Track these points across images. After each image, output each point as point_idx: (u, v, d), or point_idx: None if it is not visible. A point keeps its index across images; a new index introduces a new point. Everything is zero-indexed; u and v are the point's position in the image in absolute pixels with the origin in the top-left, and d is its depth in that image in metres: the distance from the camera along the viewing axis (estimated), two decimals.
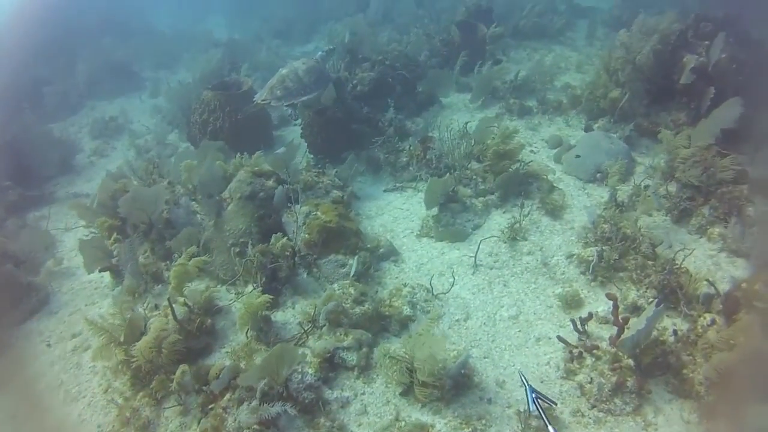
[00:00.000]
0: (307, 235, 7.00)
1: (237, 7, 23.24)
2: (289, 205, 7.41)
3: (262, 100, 9.16)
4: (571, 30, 15.20)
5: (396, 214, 8.39)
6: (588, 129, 9.58)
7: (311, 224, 7.05)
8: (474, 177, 8.31)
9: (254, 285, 6.77)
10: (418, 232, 7.90)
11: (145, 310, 6.70)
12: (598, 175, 8.39)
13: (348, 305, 6.12)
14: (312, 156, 9.90)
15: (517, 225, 7.54)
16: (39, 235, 9.22)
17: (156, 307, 6.73)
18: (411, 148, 9.13)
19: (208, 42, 17.59)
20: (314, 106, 9.78)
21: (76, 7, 20.55)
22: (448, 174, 8.26)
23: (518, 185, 8.13)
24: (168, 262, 7.43)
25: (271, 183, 7.58)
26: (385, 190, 8.98)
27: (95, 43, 18.72)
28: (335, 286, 6.44)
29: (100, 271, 7.79)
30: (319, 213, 7.23)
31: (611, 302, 5.78)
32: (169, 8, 25.60)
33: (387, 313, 6.32)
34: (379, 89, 10.39)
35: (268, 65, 15.18)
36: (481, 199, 8.04)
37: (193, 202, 8.02)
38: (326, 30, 17.18)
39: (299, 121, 9.95)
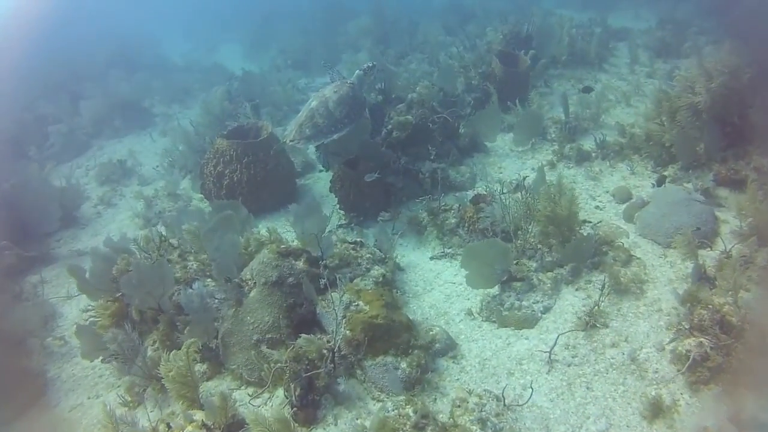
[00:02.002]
0: (348, 332, 5.82)
1: (253, 36, 22.25)
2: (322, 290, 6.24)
3: (290, 141, 8.28)
4: (613, 55, 14.09)
5: (448, 290, 7.21)
6: (660, 182, 8.35)
7: (353, 319, 5.86)
8: (539, 246, 7.08)
9: (286, 395, 5.59)
10: (477, 315, 6.72)
11: (152, 427, 5.54)
12: (678, 237, 7.16)
13: None
14: (343, 213, 8.75)
15: (596, 309, 6.31)
16: (35, 307, 8.10)
17: (168, 426, 5.51)
18: (460, 208, 7.91)
19: (222, 76, 16.49)
20: (344, 150, 8.67)
21: (83, 40, 19.62)
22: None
23: (590, 255, 6.91)
24: None
25: (301, 264, 6.42)
26: (431, 258, 7.81)
27: (103, 77, 17.69)
28: (388, 405, 5.22)
29: (102, 362, 6.69)
30: (361, 303, 6.05)
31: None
32: (182, 37, 24.68)
33: None
34: (417, 135, 9.20)
35: (287, 101, 14.11)
36: (549, 274, 6.82)
37: (209, 280, 6.87)
38: (347, 59, 16.04)
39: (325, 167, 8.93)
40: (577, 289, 6.76)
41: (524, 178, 8.45)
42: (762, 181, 7.54)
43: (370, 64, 9.08)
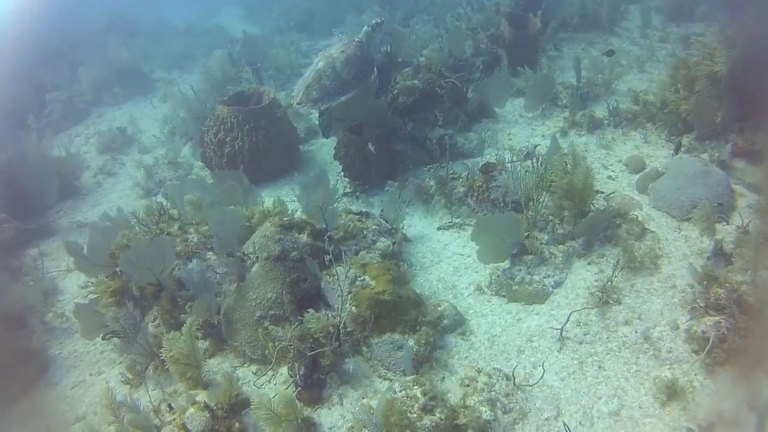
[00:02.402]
0: (354, 309, 5.64)
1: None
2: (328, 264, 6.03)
3: (297, 104, 8.02)
4: (625, 19, 13.66)
5: (456, 262, 7.00)
6: (677, 149, 8.08)
7: (359, 295, 5.67)
8: (550, 218, 6.84)
9: (290, 374, 5.44)
10: (486, 289, 6.52)
11: (153, 407, 5.39)
12: (695, 211, 6.93)
13: (414, 415, 4.75)
14: (348, 181, 8.53)
15: (609, 284, 6.10)
16: (35, 282, 7.92)
17: (170, 407, 5.36)
18: (469, 177, 7.67)
19: (223, 39, 16.09)
20: (349, 115, 8.44)
21: (81, 5, 19.14)
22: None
23: (603, 228, 6.68)
24: None
25: (305, 237, 6.20)
26: (439, 228, 7.59)
27: (101, 43, 17.28)
28: (395, 386, 5.05)
29: (102, 339, 6.54)
30: (367, 278, 5.85)
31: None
32: (182, 2, 24.12)
33: (464, 421, 4.90)
34: (424, 100, 8.91)
35: (290, 64, 13.78)
36: (561, 247, 6.60)
37: (210, 254, 6.68)
38: (352, 21, 15.63)
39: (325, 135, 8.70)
40: (589, 263, 6.55)
41: (535, 147, 8.18)
42: None
43: (379, 20, 8.59)
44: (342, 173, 8.61)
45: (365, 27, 8.52)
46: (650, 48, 11.71)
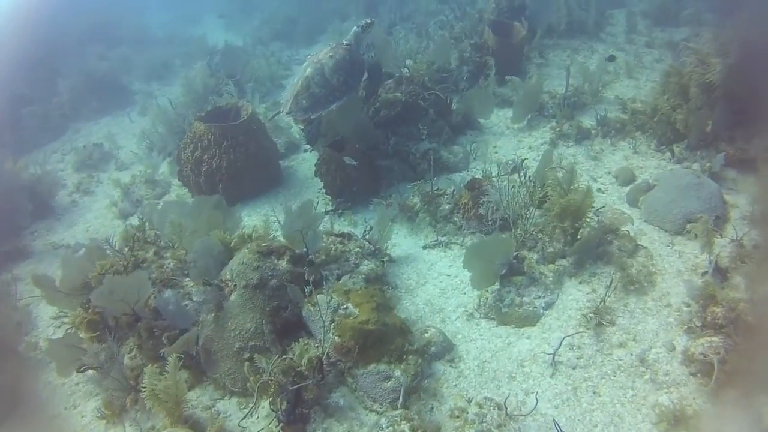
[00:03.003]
0: (338, 338, 5.37)
1: (235, 5, 21.37)
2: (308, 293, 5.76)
3: (287, 113, 7.81)
4: (609, 23, 13.49)
5: (443, 283, 6.75)
6: (680, 161, 7.90)
7: (342, 324, 5.40)
8: (540, 236, 6.61)
9: (273, 409, 5.17)
10: (475, 311, 6.27)
11: None
12: (689, 225, 6.73)
13: None
14: (329, 198, 8.28)
15: (602, 305, 5.88)
16: (7, 311, 7.61)
17: None
18: (455, 193, 7.44)
19: (202, 50, 15.77)
20: (330, 130, 8.24)
21: (60, 15, 18.73)
22: (506, 234, 6.62)
23: (595, 245, 6.46)
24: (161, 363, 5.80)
25: (284, 264, 5.93)
26: (424, 247, 7.33)
27: (81, 53, 16.93)
28: (382, 421, 4.80)
29: (78, 372, 6.23)
30: (350, 306, 5.59)
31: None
32: (163, 7, 23.77)
33: None
34: (407, 113, 8.66)
35: (270, 75, 13.50)
36: (551, 266, 6.37)
37: (187, 279, 6.42)
38: (333, 29, 15.41)
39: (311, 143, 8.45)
40: (580, 283, 6.33)
41: (522, 161, 7.97)
42: None
43: (368, 20, 8.33)
44: (323, 190, 8.35)
45: (354, 27, 8.23)
46: (637, 54, 11.54)
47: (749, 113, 7.75)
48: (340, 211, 8.04)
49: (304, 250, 6.23)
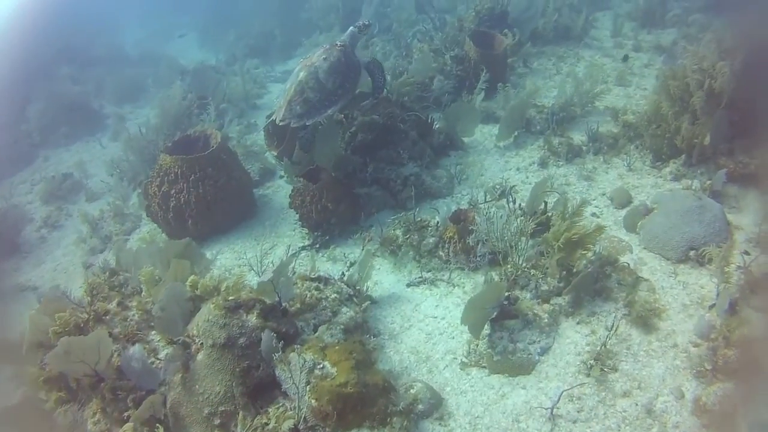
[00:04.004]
0: (314, 402, 4.83)
1: (209, 21, 20.85)
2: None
3: (280, 121, 7.24)
4: (594, 27, 13.04)
5: (429, 326, 6.20)
6: (677, 178, 7.47)
7: (319, 387, 4.86)
8: (533, 272, 6.10)
9: None
10: (464, 359, 5.74)
11: None
12: (692, 252, 6.24)
13: None
14: (306, 232, 7.78)
15: (603, 348, 5.38)
16: None
17: None
18: (439, 226, 6.93)
19: (174, 70, 15.21)
20: (303, 158, 7.79)
21: (30, 38, 18.14)
22: (497, 274, 6.12)
23: (593, 281, 5.96)
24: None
25: (254, 319, 5.37)
26: (408, 285, 6.77)
27: (51, 76, 16.35)
28: None
29: None
30: (327, 365, 5.05)
31: None
32: (138, 24, 23.21)
33: None
34: (385, 136, 8.14)
35: (244, 95, 12.95)
36: (546, 306, 5.85)
37: (153, 333, 5.90)
38: (310, 43, 14.89)
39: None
40: (578, 323, 5.81)
41: (511, 188, 7.48)
42: None
43: (366, 22, 7.84)
44: (299, 222, 7.83)
45: (351, 28, 7.73)
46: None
47: (749, 123, 7.29)
48: (317, 246, 7.50)
49: (277, 299, 5.68)
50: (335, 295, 6.05)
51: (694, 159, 7.41)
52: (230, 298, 5.44)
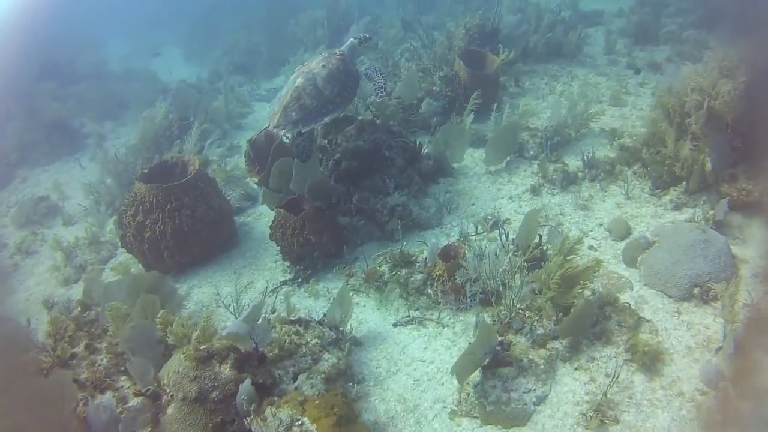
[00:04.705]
0: None
1: (195, 37, 20.47)
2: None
3: (274, 128, 6.94)
4: (586, 44, 12.73)
5: (417, 371, 5.77)
6: (678, 206, 7.12)
7: None
8: (527, 314, 5.71)
9: None
10: (455, 407, 5.32)
11: None
12: (696, 290, 5.87)
13: None
14: (288, 265, 7.39)
15: (603, 398, 4.99)
16: None
17: None
18: (428, 263, 6.54)
19: (155, 88, 14.79)
20: (284, 186, 7.37)
21: (12, 54, 17.69)
22: (490, 315, 5.74)
23: (591, 323, 5.58)
24: None
25: (227, 371, 4.98)
26: (395, 324, 6.35)
27: (31, 94, 15.90)
28: None
29: None
30: (307, 421, 4.64)
31: None
32: (123, 39, 22.80)
33: None
34: (371, 164, 7.76)
35: (228, 115, 12.55)
36: (542, 351, 5.47)
37: (123, 378, 5.51)
38: (296, 60, 14.50)
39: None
40: (576, 369, 5.42)
41: (504, 221, 7.12)
42: None
43: (367, 35, 7.74)
44: (280, 255, 7.44)
45: (351, 39, 7.53)
46: (618, 77, 10.72)
47: (752, 148, 6.95)
48: (299, 281, 7.11)
49: (253, 345, 5.28)
50: (316, 340, 5.65)
51: (695, 186, 7.04)
52: (202, 347, 5.03)
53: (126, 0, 27.22)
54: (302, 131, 7.01)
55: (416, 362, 5.87)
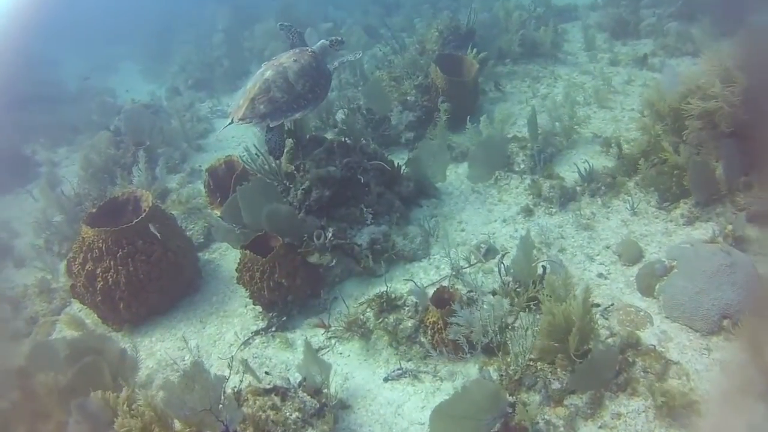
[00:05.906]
0: None
1: (151, 53, 19.51)
2: None
3: (240, 119, 6.31)
4: (565, 40, 12.07)
5: None
6: (690, 221, 6.37)
7: None
8: (539, 366, 4.93)
9: None
10: None
11: None
12: (725, 322, 5.13)
13: None
14: (260, 311, 6.56)
15: None
16: None
17: None
18: (419, 308, 5.74)
19: (107, 110, 13.81)
20: (250, 219, 6.55)
21: None
22: (495, 368, 4.96)
23: (613, 373, 4.81)
24: None
25: None
26: (386, 379, 5.51)
27: None
28: None
29: None
30: None
31: None
32: (77, 57, 21.71)
33: None
34: (345, 192, 6.93)
35: (185, 135, 11.62)
36: (560, 410, 4.69)
37: None
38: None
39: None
40: (600, 428, 4.64)
41: (502, 255, 6.34)
42: None
43: (340, 38, 7.32)
44: (251, 300, 6.60)
45: (322, 40, 7.16)
46: (603, 75, 9.98)
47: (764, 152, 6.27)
48: (273, 330, 6.27)
49: (223, 429, 4.44)
50: (296, 414, 4.80)
51: (701, 198, 6.35)
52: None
53: (86, 15, 26.11)
54: (270, 125, 6.43)
55: (414, 426, 5.04)
